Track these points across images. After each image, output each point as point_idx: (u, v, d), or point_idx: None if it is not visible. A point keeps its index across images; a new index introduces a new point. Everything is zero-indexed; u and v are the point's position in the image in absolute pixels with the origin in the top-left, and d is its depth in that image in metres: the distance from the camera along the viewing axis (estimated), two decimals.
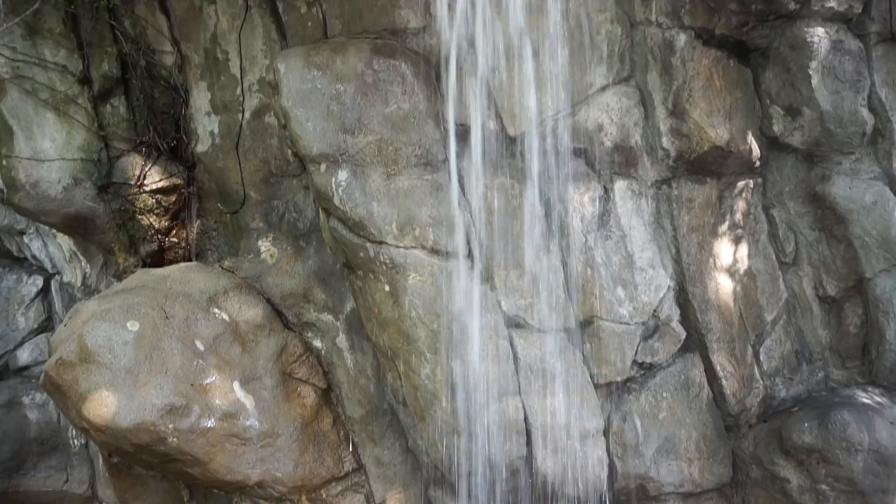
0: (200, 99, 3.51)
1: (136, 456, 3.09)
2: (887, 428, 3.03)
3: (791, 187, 3.39)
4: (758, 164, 3.32)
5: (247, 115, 3.39)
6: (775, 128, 3.29)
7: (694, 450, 3.18)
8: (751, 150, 3.25)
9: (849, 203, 3.27)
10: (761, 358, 3.37)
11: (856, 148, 3.28)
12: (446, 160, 3.05)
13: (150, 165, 3.52)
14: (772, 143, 3.35)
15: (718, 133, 3.13)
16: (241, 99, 3.40)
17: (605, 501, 3.09)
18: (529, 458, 2.99)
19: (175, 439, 2.94)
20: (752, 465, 3.20)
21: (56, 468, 4.10)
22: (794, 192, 3.39)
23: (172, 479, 3.43)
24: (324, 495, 3.33)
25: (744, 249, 3.36)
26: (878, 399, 3.23)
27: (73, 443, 4.04)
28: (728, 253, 3.32)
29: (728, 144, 3.15)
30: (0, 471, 4.04)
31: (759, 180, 3.41)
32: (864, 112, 3.20)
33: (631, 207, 3.22)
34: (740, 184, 3.34)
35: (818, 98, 3.14)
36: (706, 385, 3.27)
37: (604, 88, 3.20)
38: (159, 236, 3.58)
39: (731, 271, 3.32)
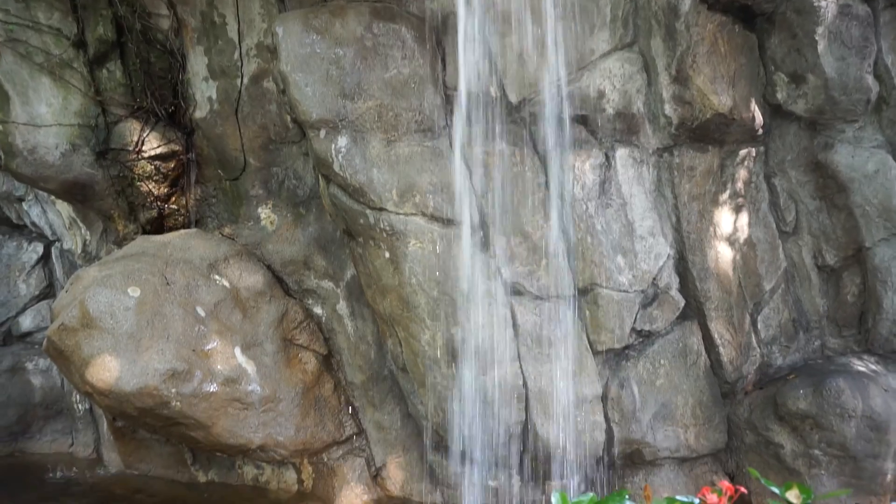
0: (198, 64, 3.46)
1: (140, 420, 3.14)
2: (881, 395, 3.06)
3: (793, 156, 3.37)
4: (760, 132, 3.30)
5: (245, 80, 3.35)
6: (779, 95, 3.25)
7: (690, 416, 3.22)
8: (754, 117, 3.22)
9: (850, 171, 3.25)
10: (759, 326, 3.39)
11: (859, 116, 3.25)
12: (447, 126, 3.02)
13: (148, 131, 3.49)
14: (775, 111, 3.32)
15: (721, 100, 3.09)
16: (239, 64, 3.36)
17: (602, 466, 3.15)
18: (528, 424, 3.04)
19: (178, 403, 2.98)
20: (746, 431, 3.24)
21: (61, 432, 4.16)
22: (796, 161, 3.37)
23: (176, 442, 3.48)
24: (325, 459, 3.39)
25: (744, 218, 3.35)
26: (874, 367, 3.26)
27: (78, 407, 4.09)
28: (728, 222, 3.31)
29: (731, 112, 3.12)
30: (6, 434, 4.09)
31: (762, 149, 3.38)
32: (870, 79, 3.16)
33: (632, 175, 3.21)
34: (742, 152, 3.32)
35: (823, 64, 3.10)
36: (703, 353, 3.29)
37: (606, 54, 3.15)
38: (158, 203, 3.57)
39: (731, 240, 3.32)
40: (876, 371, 3.22)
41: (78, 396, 4.05)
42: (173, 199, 3.61)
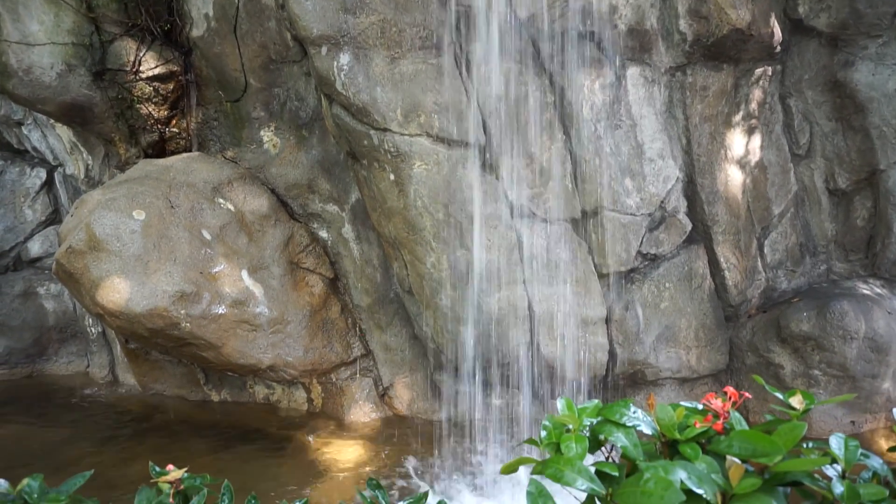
0: None
1: (151, 340, 3.20)
2: (885, 317, 3.08)
3: (811, 75, 3.26)
4: (778, 49, 3.17)
5: None
6: (801, 9, 3.11)
7: (693, 338, 3.26)
8: (772, 33, 3.09)
9: (870, 91, 3.15)
10: (765, 250, 3.38)
11: (884, 30, 3.11)
12: (452, 43, 2.91)
13: (144, 51, 3.39)
14: (795, 27, 3.18)
15: (740, 14, 2.96)
16: None
17: (605, 385, 3.21)
18: (532, 344, 3.08)
19: (188, 324, 3.03)
20: (748, 353, 3.29)
21: (77, 354, 4.27)
22: (814, 80, 3.26)
23: (189, 363, 3.57)
24: (333, 379, 3.47)
25: (757, 140, 3.28)
26: (879, 290, 3.26)
27: (91, 331, 4.17)
28: (740, 144, 3.24)
29: (749, 27, 2.99)
30: (24, 357, 4.20)
31: (778, 67, 3.27)
32: None
33: (643, 95, 3.12)
34: (758, 71, 3.20)
35: None
36: (709, 276, 3.29)
37: None
38: (159, 126, 3.51)
39: (742, 163, 3.26)
40: (881, 294, 3.23)
41: (91, 320, 4.12)
42: (174, 121, 3.54)
